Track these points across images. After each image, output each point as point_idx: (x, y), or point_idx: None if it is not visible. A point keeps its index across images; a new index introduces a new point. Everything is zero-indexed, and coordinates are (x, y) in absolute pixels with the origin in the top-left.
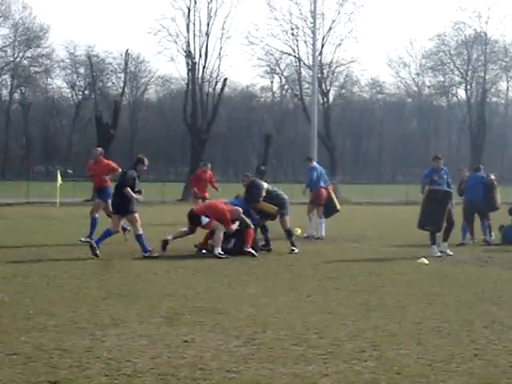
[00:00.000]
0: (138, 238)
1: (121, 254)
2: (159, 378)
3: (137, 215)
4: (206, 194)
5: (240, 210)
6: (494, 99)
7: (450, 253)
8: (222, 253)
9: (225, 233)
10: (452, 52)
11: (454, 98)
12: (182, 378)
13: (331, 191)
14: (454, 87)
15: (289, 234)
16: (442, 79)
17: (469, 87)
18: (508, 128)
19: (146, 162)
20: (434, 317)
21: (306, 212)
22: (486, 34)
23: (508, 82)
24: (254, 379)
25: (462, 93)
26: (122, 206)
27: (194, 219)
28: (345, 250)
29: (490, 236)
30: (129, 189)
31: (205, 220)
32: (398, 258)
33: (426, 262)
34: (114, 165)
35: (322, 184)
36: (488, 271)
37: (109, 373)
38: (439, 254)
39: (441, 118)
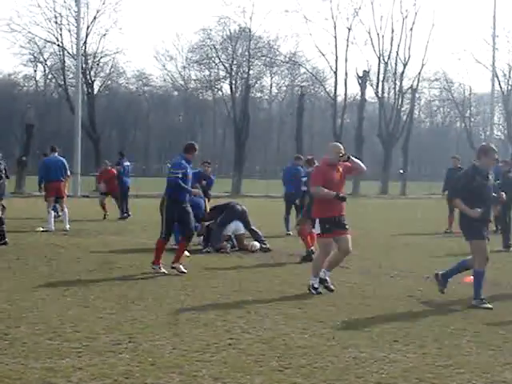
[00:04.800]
0: None
1: None
2: None
3: None
4: None
5: None
6: (258, 94)
7: None
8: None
9: None
10: (217, 46)
11: (220, 92)
12: None
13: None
14: (219, 81)
15: None
16: (208, 73)
17: (233, 82)
18: (272, 123)
19: None
20: (192, 307)
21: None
22: (250, 30)
23: (272, 77)
24: (4, 374)
25: (226, 87)
26: None
27: None
28: (108, 243)
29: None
30: None
31: None
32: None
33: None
34: None
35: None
36: (246, 261)
37: None
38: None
39: (206, 111)
